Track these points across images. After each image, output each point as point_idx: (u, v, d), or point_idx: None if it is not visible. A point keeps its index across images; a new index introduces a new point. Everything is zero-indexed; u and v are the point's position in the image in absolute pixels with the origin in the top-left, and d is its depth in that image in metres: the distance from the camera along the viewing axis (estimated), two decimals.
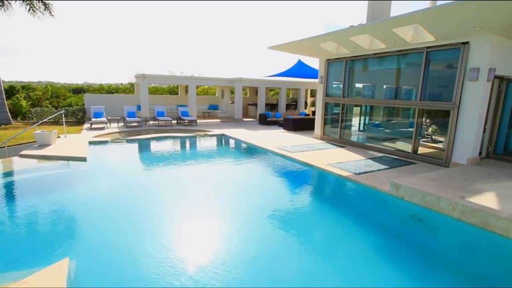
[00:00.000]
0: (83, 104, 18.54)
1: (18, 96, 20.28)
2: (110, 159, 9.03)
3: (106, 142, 10.74)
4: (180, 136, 12.59)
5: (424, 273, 3.53)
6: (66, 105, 19.81)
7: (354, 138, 11.34)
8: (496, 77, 7.44)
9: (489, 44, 6.96)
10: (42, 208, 5.02)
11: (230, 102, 21.58)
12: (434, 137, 9.71)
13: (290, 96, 25.62)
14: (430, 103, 8.36)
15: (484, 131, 7.98)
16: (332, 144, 11.16)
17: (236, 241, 4.14)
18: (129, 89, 31.41)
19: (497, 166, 7.40)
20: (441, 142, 8.77)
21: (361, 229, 4.71)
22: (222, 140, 12.57)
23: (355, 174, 6.94)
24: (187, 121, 16.05)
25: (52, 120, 15.15)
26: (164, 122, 15.80)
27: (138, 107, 16.94)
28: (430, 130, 10.01)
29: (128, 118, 14.64)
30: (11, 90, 23.14)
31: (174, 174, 7.51)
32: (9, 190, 6.03)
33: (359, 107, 11.65)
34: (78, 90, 32.25)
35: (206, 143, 12.02)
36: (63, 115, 12.78)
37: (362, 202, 5.98)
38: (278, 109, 20.66)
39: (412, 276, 3.45)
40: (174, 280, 3.11)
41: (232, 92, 21.71)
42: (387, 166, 7.75)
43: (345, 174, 6.97)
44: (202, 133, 13.51)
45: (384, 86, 10.70)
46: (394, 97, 9.92)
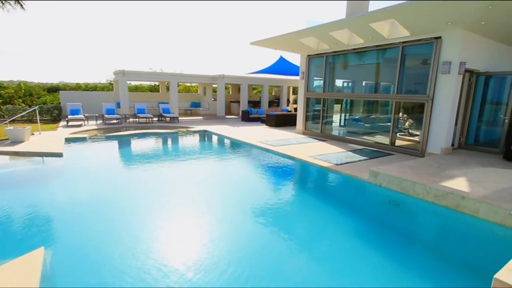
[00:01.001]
0: (59, 102, 17.86)
1: None
2: (88, 155, 8.76)
3: (84, 139, 10.40)
4: (161, 132, 12.39)
5: (401, 252, 3.69)
6: (41, 103, 19.00)
7: (335, 133, 11.57)
8: (466, 71, 7.81)
9: (459, 38, 7.30)
10: (16, 203, 4.81)
11: (213, 99, 21.44)
12: (410, 131, 10.13)
13: (273, 93, 25.77)
14: (406, 96, 8.68)
15: (456, 124, 8.38)
16: (314, 138, 11.34)
17: (222, 234, 4.12)
18: (108, 87, 30.51)
19: (468, 155, 7.78)
20: (417, 135, 9.12)
21: (342, 215, 4.85)
22: (205, 136, 12.48)
23: (336, 164, 7.10)
24: (169, 118, 15.81)
25: (25, 118, 14.50)
26: (145, 119, 15.49)
27: (118, 105, 16.51)
28: (407, 124, 10.42)
29: (107, 115, 14.24)
30: None
31: (155, 170, 7.38)
32: None
33: (340, 103, 11.90)
34: (54, 89, 30.97)
35: (188, 139, 11.90)
36: (37, 112, 12.25)
37: (343, 190, 6.15)
38: (260, 106, 20.73)
39: (390, 256, 3.59)
40: (148, 275, 2.98)
41: (214, 91, 21.59)
42: (367, 157, 7.98)
43: (326, 165, 7.11)
44: (184, 129, 13.35)
45: (363, 81, 10.98)
46: (373, 91, 10.21)
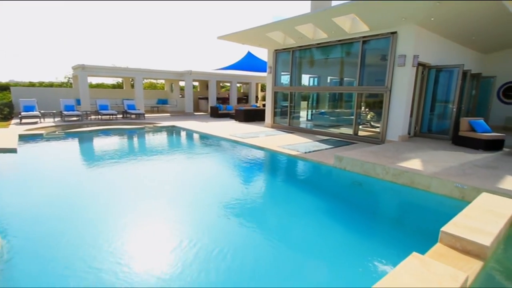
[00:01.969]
0: (11, 100, 16.45)
1: None
2: (45, 151, 8.21)
3: (40, 136, 9.72)
4: (126, 128, 11.95)
5: (364, 224, 3.96)
6: None
7: (302, 125, 11.93)
8: (419, 64, 8.46)
9: (413, 33, 7.88)
10: None
11: (180, 96, 21.02)
12: (372, 123, 10.79)
13: (242, 91, 25.85)
14: (367, 88, 9.20)
15: (411, 116, 9.04)
16: (282, 131, 11.60)
17: (194, 229, 3.99)
18: (66, 84, 28.66)
19: (422, 142, 8.44)
20: (378, 127, 9.73)
21: (311, 196, 5.08)
22: (173, 131, 12.23)
23: (304, 153, 7.35)
24: (134, 115, 15.25)
25: None
26: (108, 116, 14.78)
27: (78, 102, 15.57)
28: (368, 117, 11.12)
29: (65, 112, 13.39)
30: None
31: (119, 167, 7.04)
32: None
33: (307, 97, 12.31)
34: (3, 88, 28.42)
35: (156, 135, 11.58)
36: None
37: (311, 175, 6.41)
38: (229, 102, 20.70)
39: (355, 227, 3.84)
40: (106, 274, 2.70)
41: (182, 89, 21.17)
42: (332, 146, 8.34)
43: (294, 153, 7.34)
44: (151, 125, 12.98)
45: (328, 74, 11.45)
46: (338, 84, 10.68)
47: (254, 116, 15.12)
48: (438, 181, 4.71)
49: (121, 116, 15.41)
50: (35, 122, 12.35)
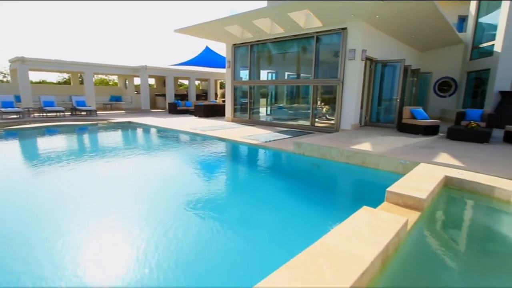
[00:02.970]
0: None
1: None
2: None
3: None
4: (76, 124, 11.17)
5: (323, 199, 4.25)
6: None
7: (262, 119, 12.20)
8: (367, 58, 9.17)
9: (361, 29, 8.52)
10: None
11: (136, 92, 20.15)
12: (327, 116, 11.47)
13: (200, 88, 25.52)
14: (322, 80, 9.74)
15: (361, 108, 9.78)
16: (243, 124, 11.75)
17: (157, 222, 4.01)
18: (1, 80, 25.78)
19: (372, 129, 9.17)
20: (332, 119, 10.36)
21: (273, 179, 5.31)
22: (129, 127, 11.71)
23: (264, 142, 7.57)
24: (85, 111, 14.29)
25: None
26: (54, 113, 13.63)
27: (17, 98, 14.12)
28: (324, 110, 11.80)
29: (3, 109, 12.09)
30: None
31: (69, 165, 6.46)
32: None
33: (266, 93, 12.65)
34: None
35: (110, 131, 10.99)
36: None
37: (272, 161, 6.65)
38: (188, 99, 20.34)
39: (314, 204, 4.11)
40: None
41: (137, 86, 20.29)
42: (291, 136, 8.69)
43: (255, 142, 7.53)
44: (105, 121, 12.28)
45: (285, 68, 11.87)
46: (295, 78, 11.13)
47: (215, 111, 15.07)
48: (385, 159, 5.20)
49: (69, 113, 14.34)
50: None
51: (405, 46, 11.75)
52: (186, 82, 25.13)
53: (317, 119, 10.47)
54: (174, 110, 16.74)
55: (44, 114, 13.44)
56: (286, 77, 12.34)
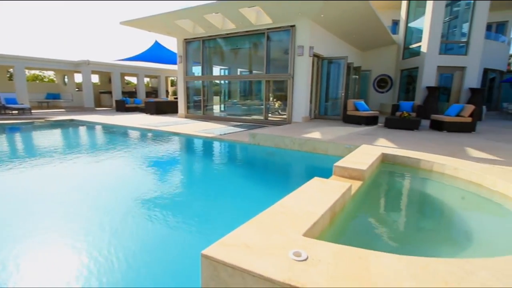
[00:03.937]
0: None
1: None
2: None
3: None
4: (6, 124, 10.00)
5: (276, 184, 4.51)
6: None
7: (216, 115, 12.23)
8: (314, 55, 9.76)
9: (308, 27, 9.05)
10: None
11: (77, 89, 18.62)
12: (280, 111, 11.95)
13: (150, 85, 24.49)
14: (274, 75, 10.11)
15: (311, 102, 10.39)
16: (197, 120, 11.64)
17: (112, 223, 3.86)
18: None
19: (321, 121, 9.81)
20: (285, 114, 10.84)
21: (231, 168, 5.43)
22: (72, 125, 10.81)
23: (220, 135, 7.64)
24: (17, 110, 12.83)
25: None
26: None
27: None
28: (276, 105, 12.27)
29: None
30: None
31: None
32: None
33: (219, 90, 12.71)
34: None
35: (49, 130, 10.02)
36: None
37: (229, 152, 6.79)
38: (137, 96, 19.41)
39: (269, 187, 4.34)
40: None
41: (79, 84, 18.74)
42: (246, 129, 8.89)
43: (211, 135, 7.56)
44: (43, 120, 11.18)
45: (238, 65, 12.04)
46: (248, 73, 11.35)
47: (167, 108, 14.65)
48: (333, 145, 5.67)
49: None
50: None
51: (348, 45, 12.73)
52: (133, 79, 23.88)
53: (270, 114, 10.85)
54: (122, 108, 15.84)
55: None
56: (238, 73, 12.55)
